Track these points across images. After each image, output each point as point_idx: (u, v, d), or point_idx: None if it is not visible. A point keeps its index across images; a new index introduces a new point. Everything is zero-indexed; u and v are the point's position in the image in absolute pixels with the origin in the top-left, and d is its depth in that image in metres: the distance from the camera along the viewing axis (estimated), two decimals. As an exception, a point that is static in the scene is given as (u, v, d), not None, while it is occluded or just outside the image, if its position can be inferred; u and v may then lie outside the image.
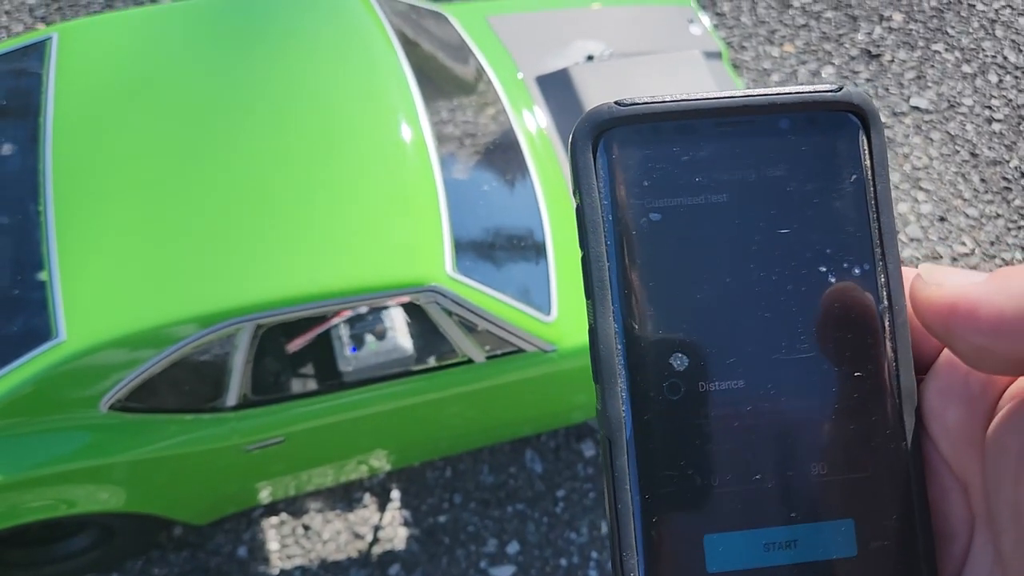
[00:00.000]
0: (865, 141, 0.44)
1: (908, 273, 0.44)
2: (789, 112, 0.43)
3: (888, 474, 0.42)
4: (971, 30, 4.84)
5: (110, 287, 2.42)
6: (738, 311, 0.42)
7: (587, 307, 0.42)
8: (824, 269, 0.43)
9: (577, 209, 0.43)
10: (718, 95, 0.43)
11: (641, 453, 0.41)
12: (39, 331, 2.39)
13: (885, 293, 0.43)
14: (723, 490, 0.41)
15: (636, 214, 0.42)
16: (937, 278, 0.40)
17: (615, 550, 0.41)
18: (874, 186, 0.43)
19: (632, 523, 0.41)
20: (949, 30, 4.83)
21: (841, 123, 0.44)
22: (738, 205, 0.43)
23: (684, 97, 0.43)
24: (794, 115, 0.43)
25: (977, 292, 0.38)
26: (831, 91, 0.44)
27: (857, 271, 0.43)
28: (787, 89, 0.44)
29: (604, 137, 0.43)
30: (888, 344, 0.43)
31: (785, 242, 0.42)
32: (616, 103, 0.43)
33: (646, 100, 0.43)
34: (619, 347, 0.41)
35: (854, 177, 0.43)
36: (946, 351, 0.43)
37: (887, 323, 0.43)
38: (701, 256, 0.42)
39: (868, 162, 0.44)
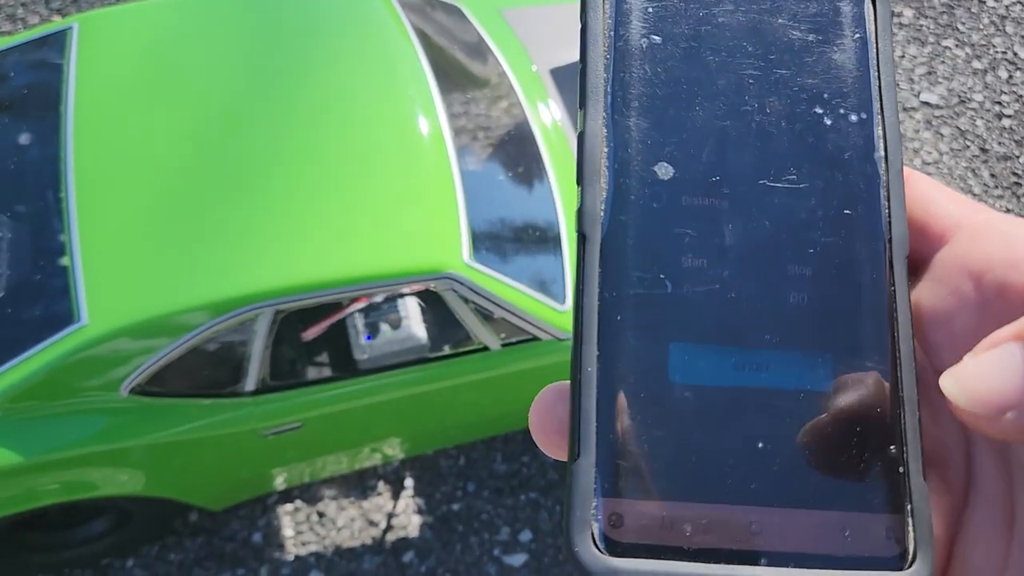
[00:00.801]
0: (871, 6, 0.45)
1: (910, 177, 0.43)
2: None
3: (872, 317, 0.40)
4: (981, 26, 4.85)
5: (132, 273, 2.45)
6: (729, 136, 0.42)
7: (579, 117, 0.42)
8: (820, 111, 0.42)
9: (581, 29, 0.43)
10: None
11: (615, 252, 0.40)
12: (61, 316, 2.42)
13: (882, 144, 0.42)
14: (695, 302, 0.40)
15: (637, 34, 0.43)
16: (981, 396, 0.36)
17: (576, 344, 0.39)
18: (877, 46, 0.44)
19: (595, 318, 0.39)
20: (959, 26, 4.84)
21: None
22: (740, 41, 0.43)
23: None
24: None
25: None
26: None
27: (854, 118, 0.43)
28: None
29: None
30: (881, 192, 0.42)
31: (783, 81, 0.43)
32: None
33: None
34: (606, 150, 0.41)
35: (857, 35, 0.44)
36: (947, 251, 0.41)
37: (881, 172, 0.42)
38: (697, 80, 0.42)
39: (872, 26, 0.44)
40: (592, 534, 0.36)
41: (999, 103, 4.52)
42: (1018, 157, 4.33)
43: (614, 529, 0.36)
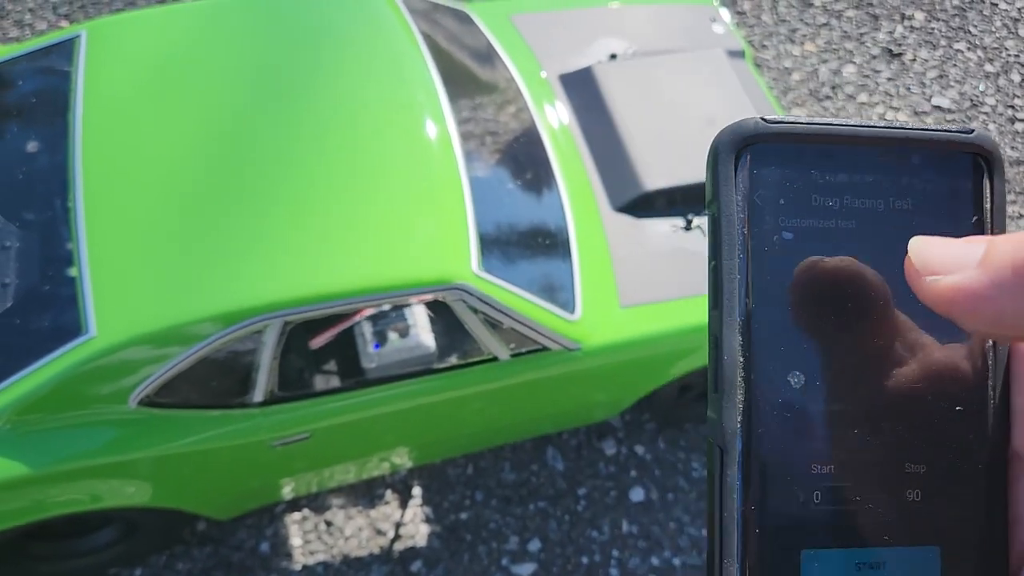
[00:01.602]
0: (988, 184, 0.45)
1: None
2: (921, 148, 0.45)
3: (978, 508, 0.43)
4: (993, 29, 4.81)
5: (140, 283, 2.44)
6: (855, 345, 0.43)
7: (711, 317, 0.43)
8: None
9: (712, 219, 0.43)
10: (858, 123, 0.44)
11: (751, 465, 0.42)
12: (69, 327, 2.40)
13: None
14: (823, 508, 0.42)
15: (770, 231, 0.43)
16: (932, 265, 0.40)
17: (715, 558, 0.42)
18: (992, 229, 0.45)
19: (735, 533, 0.41)
20: (971, 29, 4.80)
21: (968, 165, 0.45)
22: (866, 233, 0.44)
23: (827, 121, 0.44)
24: (926, 151, 0.45)
25: (973, 286, 0.38)
26: (963, 132, 0.45)
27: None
28: (921, 126, 0.45)
29: (747, 151, 0.43)
30: (990, 391, 0.43)
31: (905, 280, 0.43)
32: (762, 119, 0.43)
33: (791, 120, 0.44)
34: (741, 360, 0.42)
35: (975, 218, 0.45)
36: None
37: (990, 369, 0.44)
38: (828, 288, 0.43)
39: (988, 204, 0.45)
40: None
41: (1012, 107, 4.49)
42: (1031, 162, 4.29)
43: None
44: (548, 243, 2.85)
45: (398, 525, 3.25)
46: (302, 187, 2.61)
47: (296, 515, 3.27)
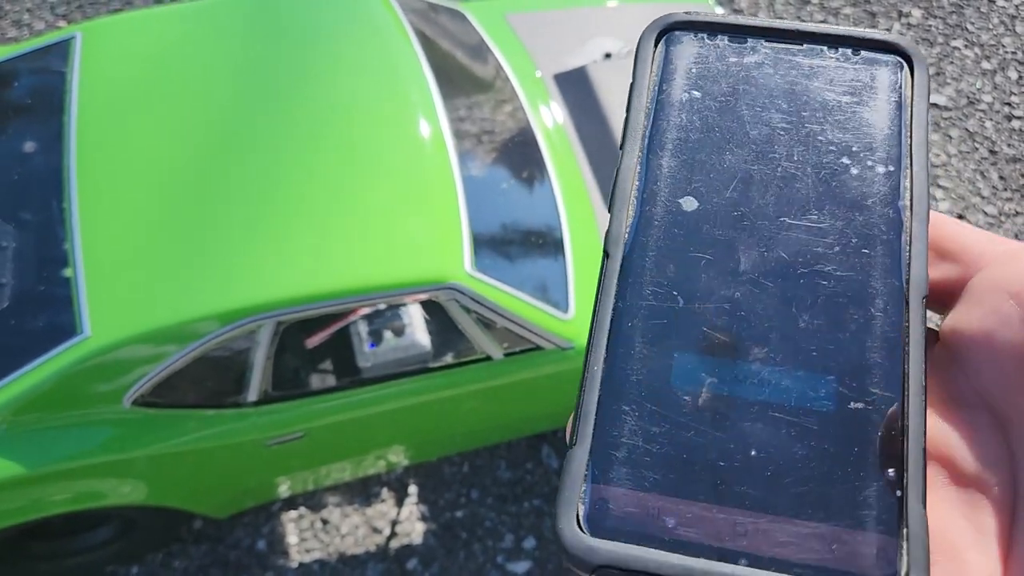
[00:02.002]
0: (908, 75, 0.47)
1: (937, 218, 0.45)
2: (839, 43, 0.48)
3: (882, 346, 0.41)
4: (991, 26, 4.81)
5: (134, 284, 2.45)
6: (754, 178, 0.45)
7: (619, 157, 0.46)
8: (848, 161, 0.45)
9: (631, 83, 0.47)
10: (778, 22, 0.48)
11: (633, 269, 0.43)
12: (64, 327, 2.42)
13: (908, 194, 0.44)
14: (704, 317, 0.42)
15: (680, 89, 0.47)
16: None
17: (588, 347, 0.41)
18: (912, 108, 0.46)
19: (607, 324, 0.42)
20: (968, 26, 4.80)
21: (886, 60, 0.47)
22: (776, 99, 0.47)
23: (747, 19, 0.49)
24: (843, 46, 0.48)
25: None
26: (880, 33, 0.48)
27: (881, 169, 0.45)
28: (840, 27, 0.48)
29: (668, 34, 0.49)
30: (903, 236, 0.43)
31: (814, 134, 0.46)
32: (686, 12, 0.49)
33: (714, 14, 0.49)
34: (637, 183, 0.45)
35: (892, 98, 0.46)
36: (984, 274, 0.42)
37: (904, 218, 0.44)
38: (729, 130, 0.46)
39: (908, 92, 0.47)
40: (577, 515, 0.38)
41: (1008, 104, 4.49)
42: (1027, 159, 4.29)
43: (598, 513, 0.38)
44: (542, 242, 2.85)
45: (394, 523, 3.27)
46: (296, 187, 2.62)
47: (293, 513, 3.28)
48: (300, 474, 2.95)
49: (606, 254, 0.43)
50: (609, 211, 0.44)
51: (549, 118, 3.15)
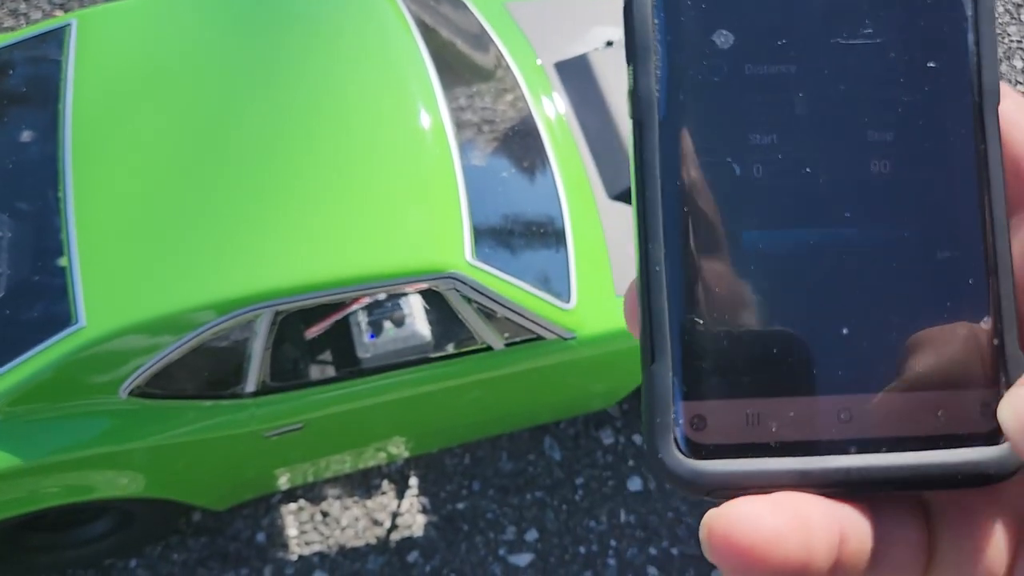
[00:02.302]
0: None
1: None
2: None
3: (960, 184, 0.37)
4: (996, 14, 4.76)
5: (130, 273, 2.43)
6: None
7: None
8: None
9: None
10: None
11: (674, 136, 0.36)
12: (59, 317, 2.39)
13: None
14: (768, 185, 0.37)
15: None
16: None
17: (640, 242, 0.36)
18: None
19: (659, 212, 0.36)
20: (973, 15, 4.76)
21: None
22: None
23: None
24: None
25: None
26: None
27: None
28: None
29: None
30: (969, 36, 0.38)
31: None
32: None
33: None
34: (656, 21, 0.37)
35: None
36: None
37: (968, 13, 0.38)
38: None
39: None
40: (675, 439, 0.35)
41: (1014, 93, 4.45)
42: (1033, 148, 4.26)
43: (696, 432, 0.35)
44: (543, 231, 2.82)
45: (395, 515, 3.24)
46: (293, 175, 2.59)
47: (292, 505, 3.26)
48: (300, 466, 2.92)
49: (637, 122, 0.37)
50: (628, 63, 0.38)
51: (550, 106, 3.11)
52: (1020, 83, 4.48)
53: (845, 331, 0.36)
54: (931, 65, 0.37)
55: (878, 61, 0.37)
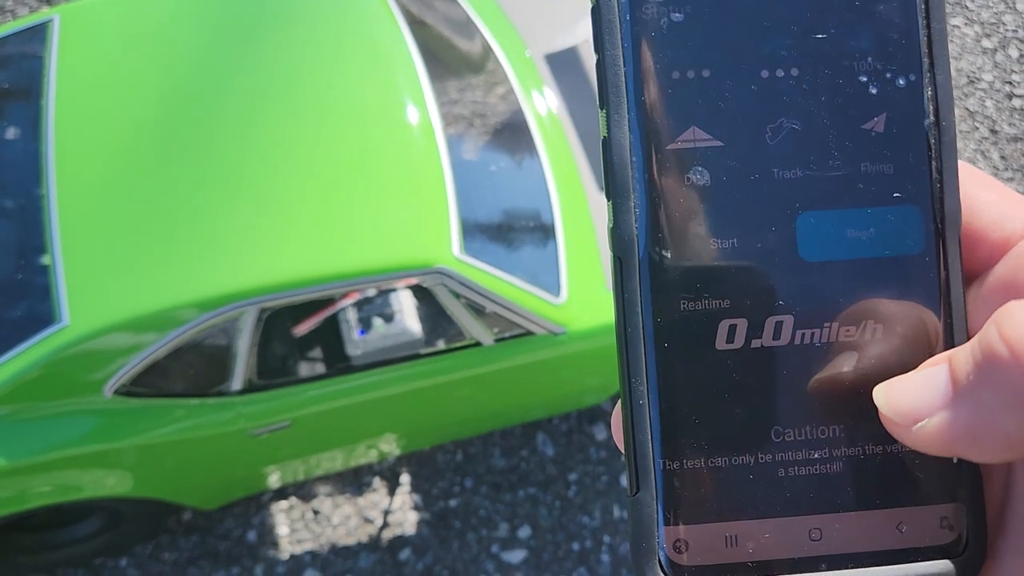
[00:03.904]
0: None
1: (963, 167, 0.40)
2: None
3: (924, 299, 0.39)
4: (991, 3, 4.73)
5: (113, 271, 2.40)
6: (765, 122, 0.38)
7: (600, 118, 0.39)
8: (865, 79, 0.38)
9: (592, 10, 0.39)
10: None
11: (655, 273, 0.38)
12: (42, 316, 2.37)
13: (931, 108, 0.39)
14: (750, 316, 0.38)
15: (656, 13, 0.38)
16: (907, 412, 0.36)
17: (624, 375, 0.38)
18: (928, 29, 0.39)
19: (643, 346, 0.38)
20: (969, 4, 4.72)
21: None
22: (769, 5, 0.38)
23: None
24: None
25: (960, 422, 0.35)
26: None
27: (901, 82, 0.39)
28: None
29: None
30: (932, 164, 0.39)
31: (822, 49, 0.38)
32: None
33: None
34: (634, 159, 0.38)
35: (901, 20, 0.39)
36: (997, 271, 0.39)
37: (932, 142, 0.39)
38: (727, 60, 0.38)
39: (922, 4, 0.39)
40: (659, 561, 0.38)
41: (1009, 83, 4.42)
42: (1029, 138, 4.22)
43: (679, 555, 0.38)
44: (533, 226, 2.79)
45: (386, 513, 3.22)
46: (278, 171, 2.56)
47: (283, 503, 3.23)
48: (289, 464, 2.90)
49: (618, 259, 0.38)
50: (607, 199, 0.39)
51: (540, 99, 3.08)
52: (1015, 72, 4.45)
53: (815, 455, 0.38)
54: (896, 195, 0.39)
55: (844, 192, 0.39)
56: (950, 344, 0.38)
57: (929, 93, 0.39)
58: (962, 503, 0.38)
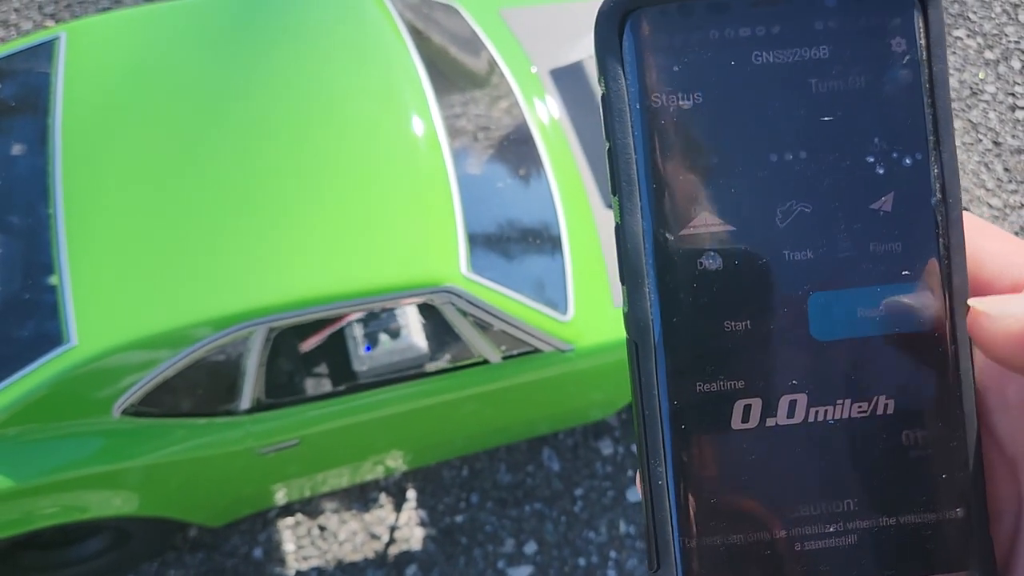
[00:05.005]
0: (920, 18, 0.39)
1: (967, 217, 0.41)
2: None
3: (936, 381, 0.39)
4: (993, 15, 4.74)
5: (121, 291, 2.39)
6: (776, 207, 0.39)
7: (614, 203, 0.40)
8: (872, 160, 0.39)
9: (602, 98, 0.39)
10: None
11: (670, 356, 0.39)
12: (50, 336, 2.36)
13: (938, 186, 0.39)
14: (763, 397, 0.39)
15: (665, 101, 0.39)
16: (1009, 309, 0.37)
17: (642, 455, 0.39)
18: (929, 67, 0.39)
19: (660, 427, 0.39)
20: (971, 15, 4.73)
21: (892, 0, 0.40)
22: (777, 91, 0.39)
23: None
24: None
25: None
26: None
27: (908, 161, 0.39)
28: None
29: (631, 18, 0.39)
30: (940, 242, 0.39)
31: (829, 131, 0.39)
32: None
33: None
34: (647, 246, 0.39)
35: (907, 58, 0.39)
36: None
37: (939, 219, 0.39)
38: (735, 147, 0.39)
39: (923, 41, 0.39)
40: None
41: (1012, 95, 4.42)
42: (1032, 150, 4.23)
43: None
44: (539, 242, 2.79)
45: (392, 529, 3.22)
46: (286, 190, 2.56)
47: (289, 520, 3.23)
48: (296, 481, 2.89)
49: (633, 343, 0.39)
50: (621, 283, 0.40)
51: (545, 115, 3.08)
52: (1018, 84, 4.46)
53: (830, 529, 0.39)
54: (905, 273, 0.40)
55: (855, 277, 0.40)
56: (960, 416, 0.39)
57: (935, 171, 0.39)
58: (975, 571, 0.39)
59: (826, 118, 0.39)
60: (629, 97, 0.39)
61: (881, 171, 0.39)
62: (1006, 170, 4.17)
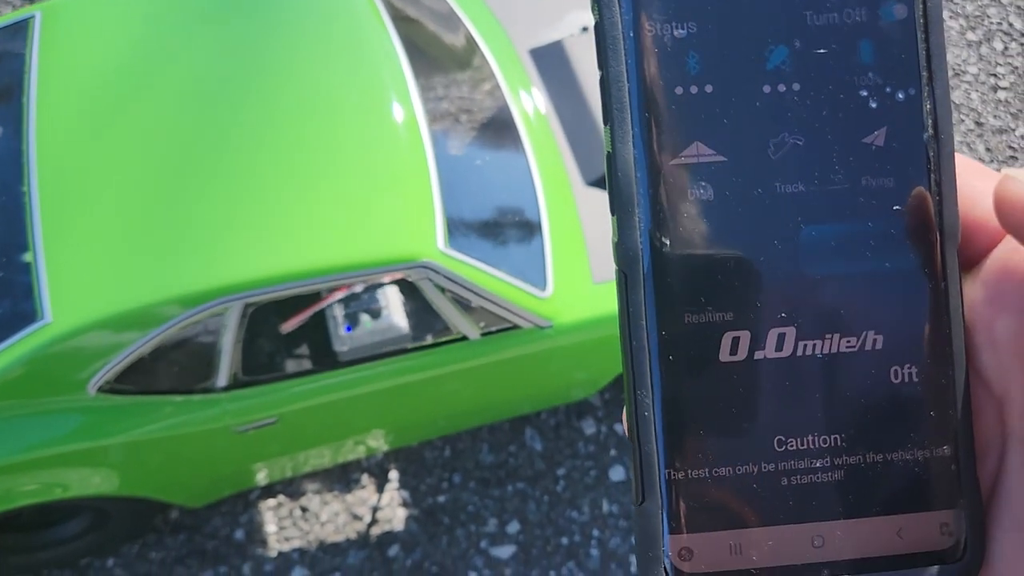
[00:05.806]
0: None
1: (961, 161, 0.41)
2: None
3: (926, 318, 0.40)
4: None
5: (96, 268, 2.38)
6: (767, 136, 0.39)
7: (604, 133, 0.39)
8: (865, 94, 0.39)
9: (595, 26, 0.39)
10: None
11: (659, 286, 0.39)
12: (24, 313, 2.35)
13: (931, 121, 0.40)
14: (753, 330, 0.39)
15: (659, 30, 0.39)
16: None
17: (630, 387, 0.39)
18: (923, 1, 0.40)
19: (648, 361, 0.39)
20: (953, -3, 4.74)
21: None
22: (772, 23, 0.39)
23: None
24: None
25: None
26: None
27: (901, 96, 0.39)
28: None
29: None
30: (932, 178, 0.40)
31: (823, 64, 0.39)
32: None
33: None
34: (638, 174, 0.39)
35: (904, 15, 0.40)
36: (994, 255, 0.40)
37: (932, 155, 0.39)
38: (729, 77, 0.39)
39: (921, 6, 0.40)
40: (665, 569, 0.39)
41: (994, 75, 4.43)
42: (1014, 130, 4.24)
43: (684, 562, 0.39)
44: (518, 219, 2.79)
45: (375, 509, 3.21)
46: (261, 167, 2.55)
47: (271, 501, 3.22)
48: (276, 461, 2.89)
49: (622, 273, 0.39)
50: (611, 213, 0.40)
51: (525, 94, 3.07)
52: (1000, 65, 4.47)
53: (817, 464, 0.39)
54: (896, 208, 0.40)
55: (846, 208, 0.39)
56: (949, 353, 0.40)
57: (928, 107, 0.39)
58: (961, 509, 0.39)
59: (820, 51, 0.39)
60: (623, 25, 0.39)
61: (874, 105, 0.39)
62: (988, 150, 4.18)
